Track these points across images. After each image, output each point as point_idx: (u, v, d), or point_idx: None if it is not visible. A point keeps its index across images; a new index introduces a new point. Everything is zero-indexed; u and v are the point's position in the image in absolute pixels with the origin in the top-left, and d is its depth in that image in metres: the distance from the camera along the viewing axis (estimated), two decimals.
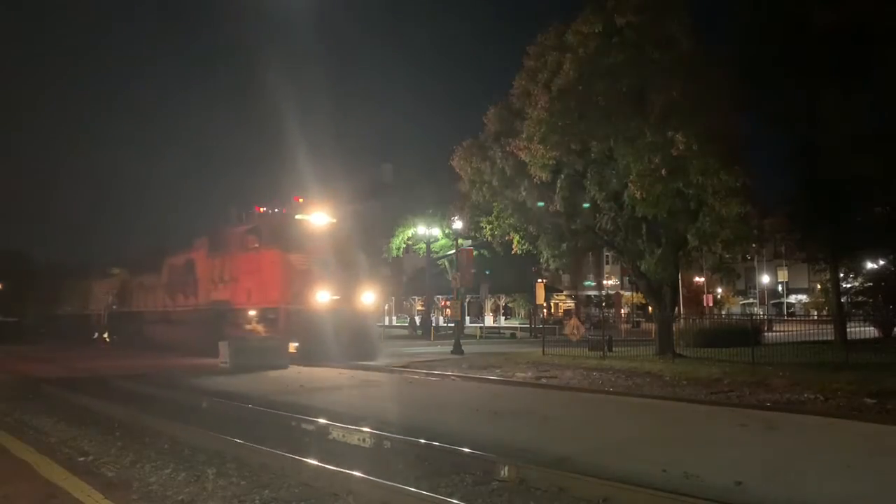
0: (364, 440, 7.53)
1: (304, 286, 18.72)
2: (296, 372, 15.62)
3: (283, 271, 19.13)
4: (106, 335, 30.54)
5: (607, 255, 52.68)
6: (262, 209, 22.27)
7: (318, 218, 20.74)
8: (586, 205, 19.67)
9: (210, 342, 18.30)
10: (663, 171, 16.40)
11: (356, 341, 18.49)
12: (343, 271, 19.37)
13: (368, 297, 20.41)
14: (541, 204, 19.73)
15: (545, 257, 21.36)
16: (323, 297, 18.76)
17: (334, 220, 21.00)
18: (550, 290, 51.10)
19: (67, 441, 7.80)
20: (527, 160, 17.89)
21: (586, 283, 58.94)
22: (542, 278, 45.65)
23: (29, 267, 47.90)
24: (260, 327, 19.29)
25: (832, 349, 19.67)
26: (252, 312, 19.60)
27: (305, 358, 17.53)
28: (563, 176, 18.68)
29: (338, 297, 18.96)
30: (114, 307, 29.85)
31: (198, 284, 22.31)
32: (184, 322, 22.68)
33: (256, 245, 19.97)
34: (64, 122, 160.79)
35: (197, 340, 20.36)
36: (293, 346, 18.21)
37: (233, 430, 7.83)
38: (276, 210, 21.61)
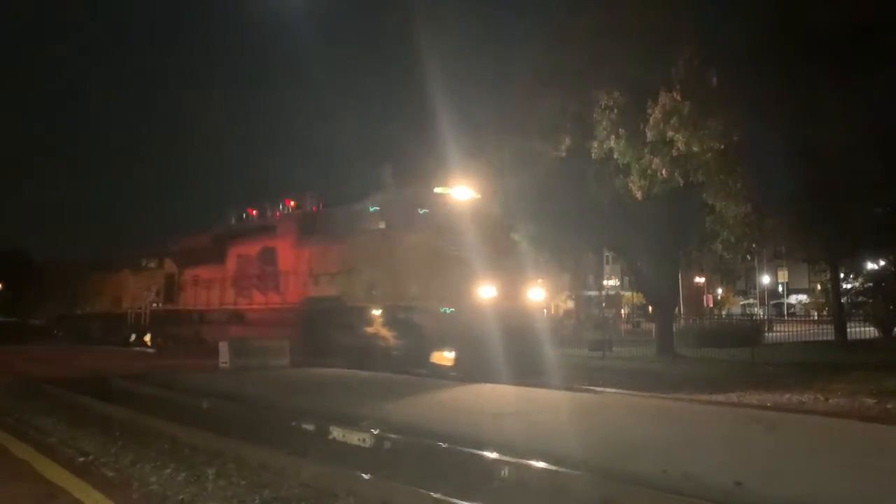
0: (364, 440, 7.54)
1: (457, 279, 14.39)
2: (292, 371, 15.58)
3: (427, 259, 14.85)
4: (147, 337, 25.74)
5: (607, 255, 52.65)
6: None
7: (462, 192, 16.07)
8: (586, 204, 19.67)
9: (309, 348, 16.13)
10: (663, 171, 16.43)
11: (525, 351, 14.16)
12: (500, 260, 15.11)
13: (537, 294, 16.32)
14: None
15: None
16: (485, 293, 14.39)
17: (479, 196, 16.45)
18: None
19: (67, 441, 7.80)
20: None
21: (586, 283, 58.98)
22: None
23: (31, 263, 47.46)
24: (386, 331, 15.45)
25: (832, 349, 19.71)
26: (376, 312, 15.65)
27: (466, 372, 13.78)
28: (562, 174, 18.71)
29: (497, 294, 14.57)
30: (154, 305, 25.28)
31: (283, 277, 18.57)
32: (265, 323, 18.91)
33: (382, 226, 16.13)
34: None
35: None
36: (446, 357, 14.54)
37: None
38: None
